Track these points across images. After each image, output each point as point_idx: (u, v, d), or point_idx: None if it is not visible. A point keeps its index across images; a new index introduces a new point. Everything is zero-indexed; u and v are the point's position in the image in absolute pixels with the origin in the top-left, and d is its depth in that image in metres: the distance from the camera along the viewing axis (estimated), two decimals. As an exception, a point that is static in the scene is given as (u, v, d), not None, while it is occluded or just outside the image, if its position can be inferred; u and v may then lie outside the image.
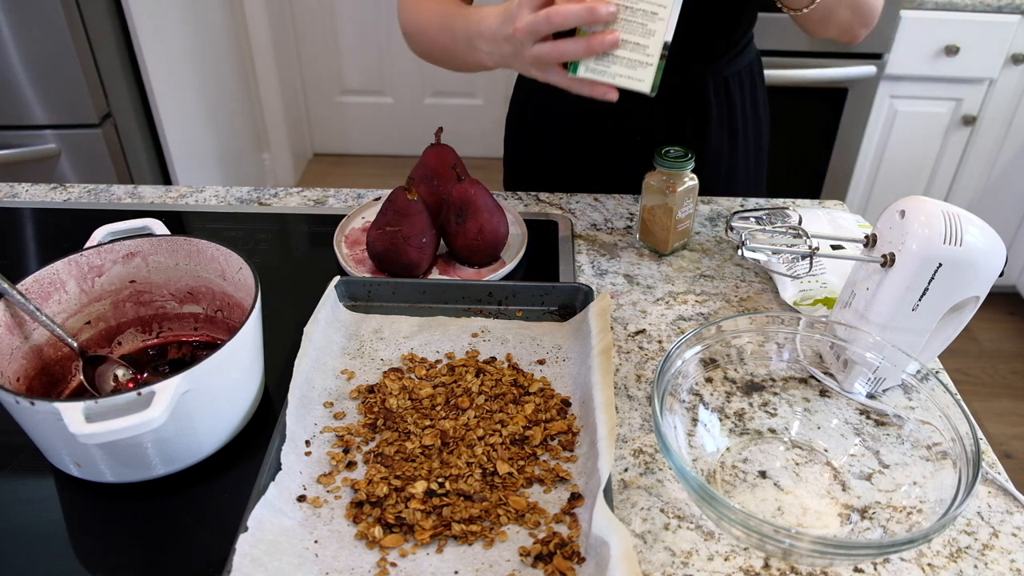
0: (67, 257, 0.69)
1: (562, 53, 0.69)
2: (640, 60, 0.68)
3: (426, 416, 0.66)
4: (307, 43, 2.82)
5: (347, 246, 0.89)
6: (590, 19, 0.67)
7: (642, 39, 0.68)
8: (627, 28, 0.68)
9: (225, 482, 0.63)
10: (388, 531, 0.57)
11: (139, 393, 0.55)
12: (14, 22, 1.53)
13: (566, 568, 0.54)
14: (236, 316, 0.74)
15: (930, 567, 0.58)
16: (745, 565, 0.57)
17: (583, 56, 0.69)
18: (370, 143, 3.07)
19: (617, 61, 0.69)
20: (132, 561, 0.57)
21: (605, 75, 0.69)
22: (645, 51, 0.68)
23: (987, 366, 2.20)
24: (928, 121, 2.01)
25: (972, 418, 0.60)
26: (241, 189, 1.05)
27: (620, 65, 0.69)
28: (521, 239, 0.90)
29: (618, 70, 0.69)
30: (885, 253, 0.65)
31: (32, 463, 0.65)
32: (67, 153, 1.69)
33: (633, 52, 0.68)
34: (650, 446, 0.67)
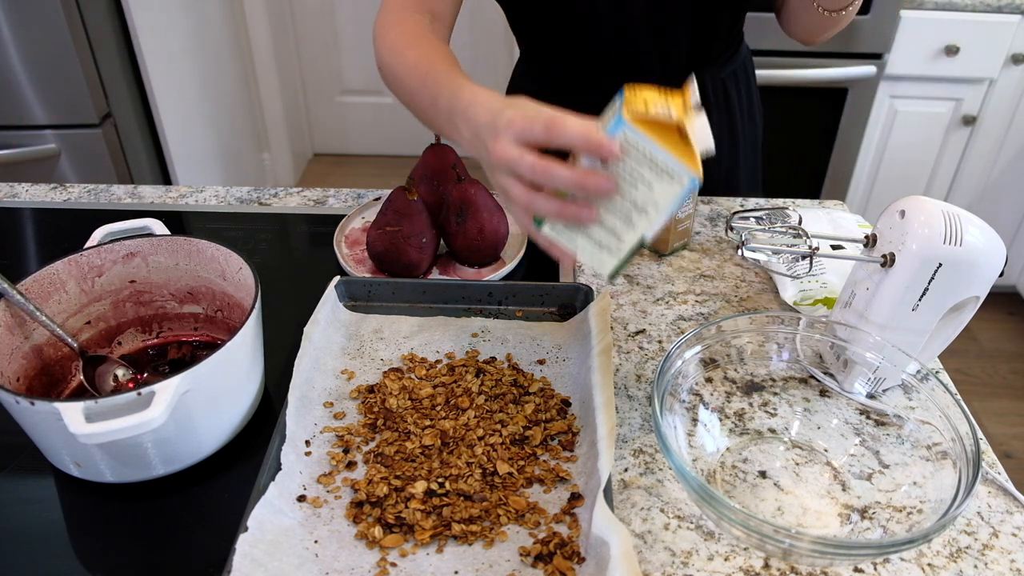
0: (67, 257, 0.69)
1: (532, 207, 0.59)
2: (610, 246, 0.58)
3: (426, 416, 0.66)
4: (307, 43, 2.82)
5: (347, 246, 0.89)
6: (579, 191, 0.57)
7: (621, 226, 0.58)
8: (609, 208, 0.58)
9: (225, 482, 0.63)
10: (388, 531, 0.57)
11: (139, 393, 0.55)
12: (14, 22, 1.53)
13: (566, 568, 0.54)
14: (236, 316, 0.74)
15: (930, 567, 0.58)
16: (745, 565, 0.57)
17: (553, 219, 0.59)
18: (370, 143, 3.07)
19: (586, 234, 0.59)
20: (132, 561, 0.57)
21: (569, 242, 0.60)
22: (619, 240, 0.58)
23: (987, 366, 2.20)
24: (928, 121, 2.01)
25: (972, 418, 0.59)
26: (241, 189, 1.05)
27: (588, 240, 0.59)
28: (521, 239, 0.90)
29: (584, 243, 0.59)
30: (885, 253, 0.65)
31: (32, 463, 0.65)
32: (67, 153, 1.69)
33: (606, 236, 0.58)
34: (650, 446, 0.67)
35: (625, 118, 0.53)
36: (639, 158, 0.55)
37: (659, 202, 0.56)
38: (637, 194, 0.56)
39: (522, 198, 0.59)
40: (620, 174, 0.56)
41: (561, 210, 0.58)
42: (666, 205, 0.56)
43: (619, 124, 0.54)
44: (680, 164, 0.54)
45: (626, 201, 0.57)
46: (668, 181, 0.55)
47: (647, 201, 0.56)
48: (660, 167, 0.55)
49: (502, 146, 0.58)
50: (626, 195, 0.57)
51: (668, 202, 0.56)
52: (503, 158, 0.58)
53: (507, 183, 0.59)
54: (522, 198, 0.59)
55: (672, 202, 0.56)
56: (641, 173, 0.55)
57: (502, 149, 0.58)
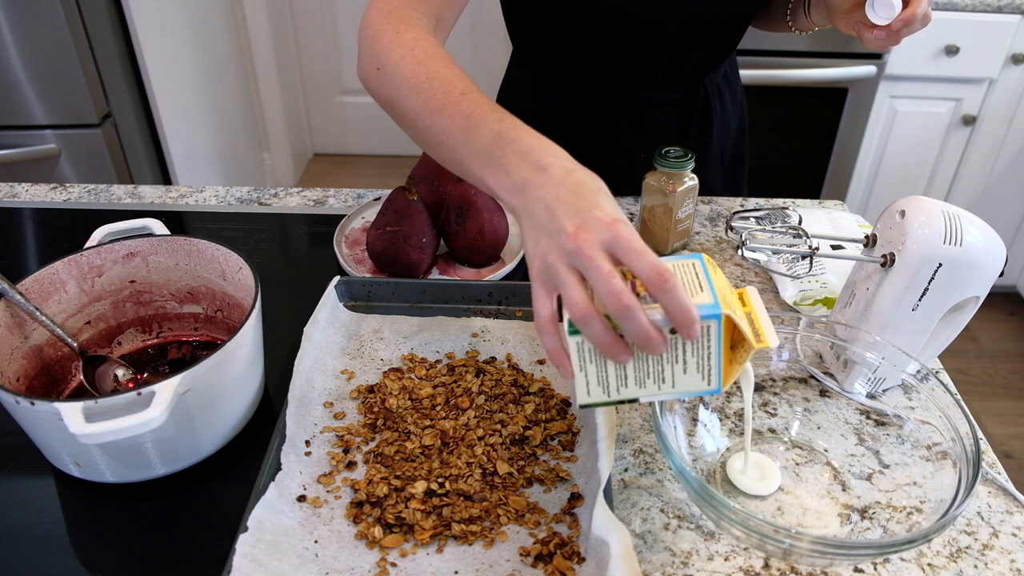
0: (67, 257, 0.69)
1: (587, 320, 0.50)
2: (608, 388, 0.54)
3: (426, 416, 0.66)
4: (307, 43, 2.82)
5: (347, 246, 0.89)
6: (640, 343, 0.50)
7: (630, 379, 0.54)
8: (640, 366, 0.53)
9: (225, 482, 0.63)
10: (388, 531, 0.57)
11: (139, 393, 0.55)
12: (14, 22, 1.53)
13: (566, 568, 0.54)
14: (236, 316, 0.74)
15: (930, 567, 0.58)
16: (745, 565, 0.57)
17: (595, 345, 0.51)
18: (370, 143, 3.07)
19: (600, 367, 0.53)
20: (132, 561, 0.57)
21: (579, 361, 0.53)
22: (618, 389, 0.54)
23: (987, 366, 2.20)
24: (928, 121, 2.01)
25: (972, 418, 0.59)
26: (241, 189, 1.05)
27: (594, 368, 0.53)
28: (521, 239, 0.90)
29: (589, 369, 0.53)
30: (885, 253, 0.65)
31: (32, 463, 0.65)
32: (67, 153, 1.69)
33: (613, 377, 0.54)
34: (650, 446, 0.67)
35: (723, 313, 0.50)
36: (700, 347, 0.52)
37: (677, 387, 0.54)
38: (668, 369, 0.53)
39: (582, 305, 0.49)
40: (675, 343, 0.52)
41: (606, 344, 0.50)
42: (680, 392, 0.54)
43: (716, 315, 0.50)
44: (720, 375, 0.53)
45: (655, 366, 0.53)
46: (699, 380, 0.53)
47: (669, 378, 0.53)
48: (705, 365, 0.53)
49: (589, 241, 0.49)
50: (656, 364, 0.53)
51: (684, 391, 0.54)
52: (585, 255, 0.49)
53: (568, 276, 0.50)
54: (582, 305, 0.49)
55: (687, 393, 0.54)
56: (687, 359, 0.52)
57: (589, 246, 0.49)
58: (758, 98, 1.88)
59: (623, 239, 0.49)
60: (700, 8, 0.89)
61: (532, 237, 0.53)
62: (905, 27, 0.73)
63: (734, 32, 0.97)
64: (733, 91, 1.06)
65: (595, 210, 0.50)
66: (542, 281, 0.52)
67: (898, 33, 0.74)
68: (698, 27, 0.91)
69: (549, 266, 0.51)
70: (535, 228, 0.53)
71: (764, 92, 1.92)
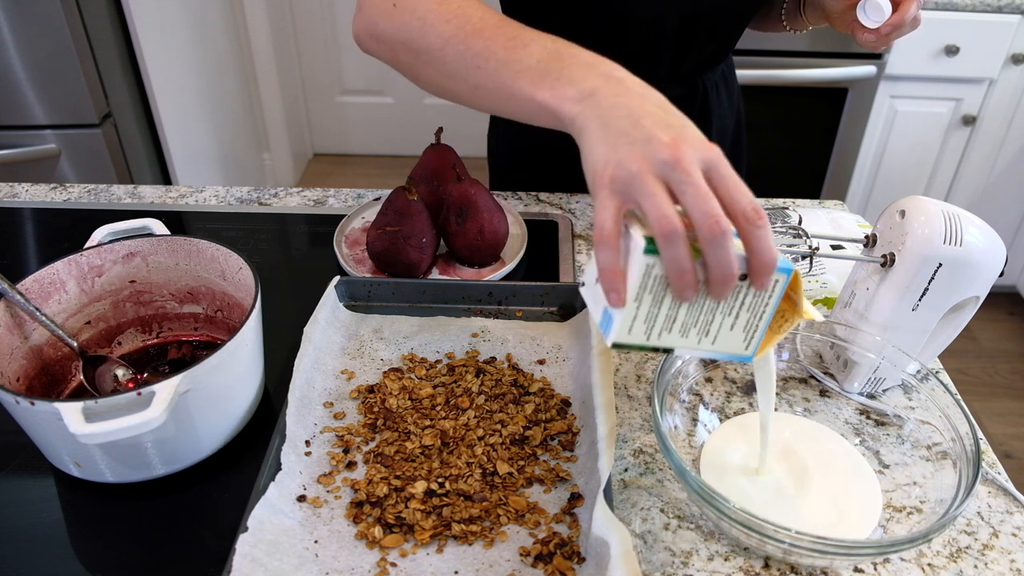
0: (67, 257, 0.69)
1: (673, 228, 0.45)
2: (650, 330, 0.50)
3: (426, 416, 0.66)
4: (307, 43, 2.82)
5: (347, 246, 0.89)
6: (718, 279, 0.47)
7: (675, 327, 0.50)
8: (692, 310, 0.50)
9: (225, 482, 0.63)
10: (388, 531, 0.57)
11: (139, 393, 0.55)
12: (14, 22, 1.53)
13: (566, 568, 0.54)
14: (236, 316, 0.74)
15: (930, 567, 0.58)
16: (745, 565, 0.57)
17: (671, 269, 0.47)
18: (370, 143, 3.07)
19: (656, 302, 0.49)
20: (132, 561, 0.57)
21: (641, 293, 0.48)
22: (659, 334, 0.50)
23: (987, 366, 2.20)
24: (928, 121, 2.01)
25: (972, 418, 0.60)
26: (241, 189, 1.05)
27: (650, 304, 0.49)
28: (521, 239, 0.90)
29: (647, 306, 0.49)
30: (885, 253, 0.65)
31: (32, 463, 0.65)
32: (67, 153, 1.69)
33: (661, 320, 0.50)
34: (650, 446, 0.67)
35: (791, 267, 0.48)
36: (759, 303, 0.50)
37: (717, 344, 0.52)
38: (718, 321, 0.50)
39: (672, 218, 0.45)
40: (738, 293, 0.50)
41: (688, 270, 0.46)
42: (715, 352, 0.52)
43: (788, 269, 0.49)
44: (760, 341, 0.52)
45: (706, 315, 0.50)
46: (740, 341, 0.51)
47: (714, 332, 0.51)
48: (755, 323, 0.51)
49: (689, 155, 0.46)
50: (708, 313, 0.50)
51: (720, 351, 0.52)
52: (683, 167, 0.46)
53: (656, 187, 0.46)
54: (672, 218, 0.45)
55: (721, 355, 0.53)
56: (741, 313, 0.50)
57: (688, 159, 0.46)
58: (758, 98, 1.88)
59: (724, 163, 0.46)
60: (700, 7, 0.89)
61: (605, 143, 0.48)
62: (895, 31, 0.74)
63: (733, 31, 0.97)
64: (730, 90, 1.06)
65: (688, 127, 0.48)
66: (613, 191, 0.48)
67: (888, 36, 0.75)
68: (698, 26, 0.91)
69: (631, 174, 0.47)
70: (609, 134, 0.49)
71: (764, 92, 1.92)
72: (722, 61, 1.02)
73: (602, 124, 0.50)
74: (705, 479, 0.58)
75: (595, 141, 0.49)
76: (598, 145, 0.49)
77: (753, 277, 0.47)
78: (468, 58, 0.59)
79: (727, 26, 0.95)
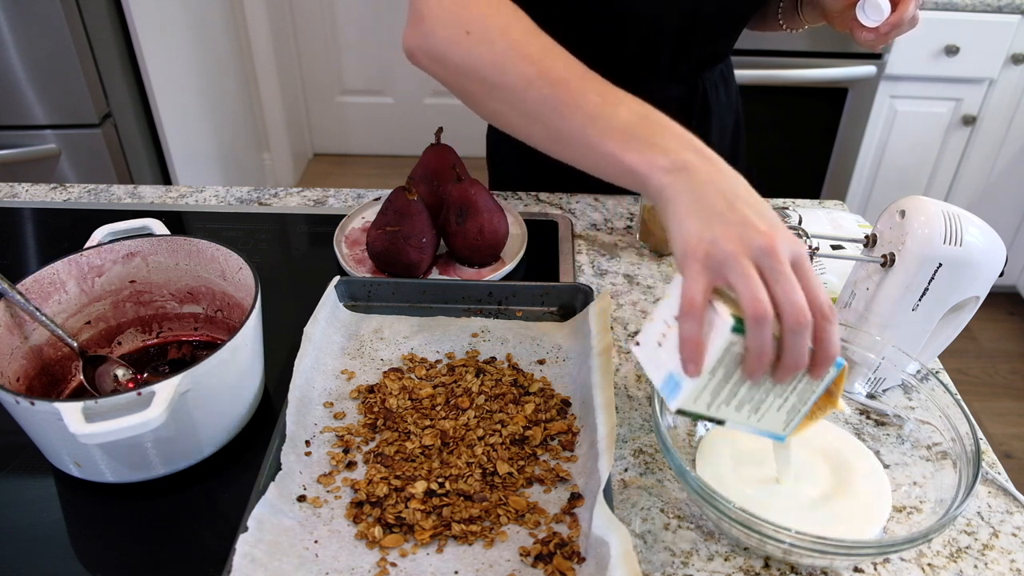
0: (67, 257, 0.69)
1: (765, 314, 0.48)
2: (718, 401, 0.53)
3: (426, 416, 0.66)
4: (307, 43, 2.82)
5: (347, 246, 0.89)
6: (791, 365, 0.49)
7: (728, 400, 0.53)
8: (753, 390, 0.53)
9: (225, 482, 0.63)
10: (388, 531, 0.57)
11: (139, 393, 0.55)
12: (14, 22, 1.53)
13: (566, 568, 0.54)
14: (236, 316, 0.74)
15: (930, 567, 0.58)
16: (745, 565, 0.57)
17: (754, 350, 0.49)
18: (370, 143, 3.07)
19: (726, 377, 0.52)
20: (132, 561, 0.57)
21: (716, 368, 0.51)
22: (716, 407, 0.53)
23: (987, 366, 2.20)
24: (928, 121, 2.01)
25: (972, 418, 0.60)
26: (241, 189, 1.05)
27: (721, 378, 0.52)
28: (521, 239, 0.90)
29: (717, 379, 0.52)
30: (885, 253, 0.65)
31: (32, 463, 0.65)
32: (67, 153, 1.69)
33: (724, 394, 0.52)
34: (650, 446, 0.67)
35: (842, 362, 0.52)
36: (808, 391, 0.53)
37: (761, 423, 0.55)
38: (769, 402, 0.53)
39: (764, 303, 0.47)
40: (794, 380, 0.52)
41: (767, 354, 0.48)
42: (757, 428, 0.55)
43: (841, 363, 0.52)
44: (797, 424, 0.56)
45: (763, 396, 0.53)
46: (781, 422, 0.55)
47: (763, 411, 0.54)
48: (798, 408, 0.54)
49: (783, 246, 0.48)
50: (764, 393, 0.53)
51: (759, 429, 0.55)
52: (778, 258, 0.48)
53: (751, 270, 0.48)
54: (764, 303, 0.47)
55: (759, 431, 0.56)
56: (791, 398, 0.54)
57: (782, 250, 0.48)
58: (757, 98, 1.88)
59: (807, 259, 0.49)
60: (700, 6, 0.89)
61: (698, 219, 0.50)
62: (894, 30, 0.74)
63: (733, 30, 0.97)
64: (728, 89, 1.06)
65: (778, 220, 0.50)
66: (706, 267, 0.49)
67: (887, 35, 0.75)
68: (698, 25, 0.91)
69: (727, 254, 0.48)
70: (703, 211, 0.50)
71: (763, 92, 1.92)
72: (721, 60, 1.02)
73: (695, 199, 0.50)
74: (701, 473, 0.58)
75: (686, 214, 0.50)
76: (688, 218, 0.50)
77: (813, 367, 0.50)
78: (552, 105, 0.59)
79: (727, 25, 0.95)
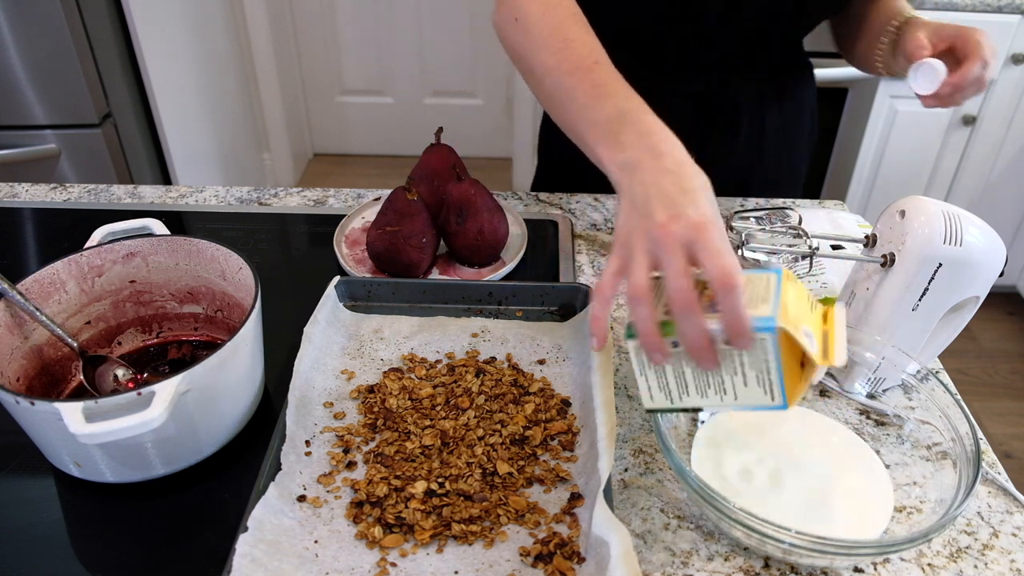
0: (67, 257, 0.69)
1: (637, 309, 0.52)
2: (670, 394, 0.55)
3: (426, 416, 0.66)
4: (307, 43, 2.83)
5: (347, 246, 0.89)
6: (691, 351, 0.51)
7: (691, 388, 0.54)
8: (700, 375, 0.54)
9: (225, 482, 0.63)
10: (388, 531, 0.57)
11: (139, 393, 0.55)
12: (14, 22, 1.53)
13: (566, 568, 0.54)
14: (236, 316, 0.74)
15: (930, 567, 0.58)
16: (745, 565, 0.57)
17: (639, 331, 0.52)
18: (370, 143, 3.07)
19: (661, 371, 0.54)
20: (132, 561, 0.57)
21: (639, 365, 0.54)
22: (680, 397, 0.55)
23: (987, 366, 2.20)
24: (928, 121, 2.01)
25: (972, 418, 0.60)
26: (241, 189, 1.05)
27: (655, 374, 0.54)
28: (521, 239, 0.90)
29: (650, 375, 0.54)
30: (885, 253, 0.65)
31: (32, 463, 0.65)
32: (67, 153, 1.69)
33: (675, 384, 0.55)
34: (650, 446, 0.67)
35: (778, 326, 0.49)
36: (757, 360, 0.51)
37: (740, 399, 0.54)
38: (728, 380, 0.53)
39: (641, 284, 0.51)
40: (732, 354, 0.52)
41: (651, 331, 0.51)
42: (744, 405, 0.54)
43: (770, 328, 0.50)
44: (783, 391, 0.52)
45: (715, 376, 0.53)
46: (761, 394, 0.53)
47: (730, 390, 0.53)
48: (767, 380, 0.52)
49: (674, 235, 0.51)
50: (715, 375, 0.53)
51: (748, 404, 0.54)
52: (666, 247, 0.51)
53: (641, 258, 0.52)
54: (641, 284, 0.51)
55: (752, 407, 0.54)
56: (746, 371, 0.52)
57: (672, 239, 0.51)
58: (758, 98, 1.88)
59: (705, 240, 0.50)
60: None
61: (625, 214, 0.55)
62: (957, 92, 0.69)
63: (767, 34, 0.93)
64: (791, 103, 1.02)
65: (690, 207, 0.52)
66: (619, 255, 0.54)
67: (950, 97, 0.69)
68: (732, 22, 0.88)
69: (631, 244, 0.53)
70: (631, 207, 0.54)
71: (764, 92, 1.92)
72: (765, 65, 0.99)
73: (630, 196, 0.55)
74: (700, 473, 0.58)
75: (622, 208, 0.56)
76: (622, 212, 0.56)
77: (732, 340, 0.50)
78: (559, 94, 0.65)
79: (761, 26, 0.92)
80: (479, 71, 2.84)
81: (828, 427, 0.67)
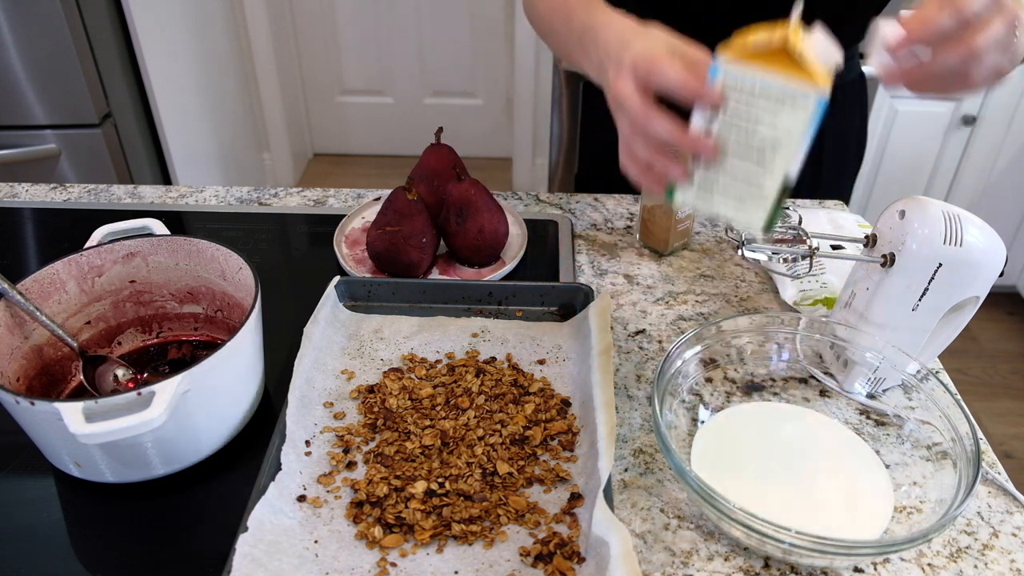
0: (67, 257, 0.69)
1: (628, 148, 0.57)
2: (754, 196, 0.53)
3: (426, 416, 0.66)
4: (307, 43, 2.82)
5: (347, 246, 0.89)
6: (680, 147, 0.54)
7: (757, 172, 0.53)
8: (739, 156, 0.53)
9: (225, 482, 0.63)
10: (388, 531, 0.57)
11: (139, 393, 0.55)
12: (14, 22, 1.53)
13: (566, 568, 0.54)
14: (236, 316, 0.74)
15: (930, 567, 0.58)
16: (745, 565, 0.57)
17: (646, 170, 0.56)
18: (370, 143, 3.07)
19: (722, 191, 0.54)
20: (132, 561, 0.57)
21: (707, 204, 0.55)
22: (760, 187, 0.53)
23: (987, 366, 2.20)
24: (928, 121, 2.01)
25: (972, 418, 0.60)
26: (241, 189, 1.05)
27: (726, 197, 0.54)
28: (521, 239, 0.90)
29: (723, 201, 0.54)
30: (885, 253, 0.65)
31: (32, 463, 0.65)
32: (67, 153, 1.69)
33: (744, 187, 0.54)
34: (650, 446, 0.67)
35: (720, 59, 0.50)
36: (750, 96, 0.51)
37: (791, 133, 0.51)
38: (761, 134, 0.51)
39: (623, 140, 0.57)
40: (737, 117, 0.52)
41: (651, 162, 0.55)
42: (798, 134, 0.51)
43: (715, 68, 0.51)
44: (797, 86, 0.49)
45: (752, 144, 0.52)
46: (791, 108, 0.50)
47: (776, 138, 0.51)
48: (776, 97, 0.50)
49: (621, 83, 0.56)
50: (751, 138, 0.52)
51: (799, 130, 0.51)
52: (616, 95, 0.57)
53: (620, 123, 0.58)
54: (623, 140, 0.57)
55: (804, 129, 0.51)
56: (757, 111, 0.51)
57: (619, 86, 0.56)
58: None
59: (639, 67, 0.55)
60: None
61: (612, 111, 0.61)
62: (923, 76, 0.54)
63: None
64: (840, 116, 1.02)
65: (624, 54, 0.57)
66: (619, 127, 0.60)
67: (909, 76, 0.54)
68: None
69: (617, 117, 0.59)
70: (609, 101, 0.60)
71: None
72: None
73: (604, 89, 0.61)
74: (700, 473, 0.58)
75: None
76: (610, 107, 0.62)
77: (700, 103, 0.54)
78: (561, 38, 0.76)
79: None
80: (479, 71, 2.84)
81: (828, 427, 0.67)
